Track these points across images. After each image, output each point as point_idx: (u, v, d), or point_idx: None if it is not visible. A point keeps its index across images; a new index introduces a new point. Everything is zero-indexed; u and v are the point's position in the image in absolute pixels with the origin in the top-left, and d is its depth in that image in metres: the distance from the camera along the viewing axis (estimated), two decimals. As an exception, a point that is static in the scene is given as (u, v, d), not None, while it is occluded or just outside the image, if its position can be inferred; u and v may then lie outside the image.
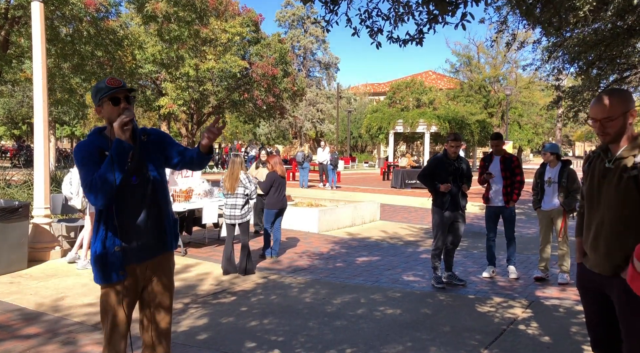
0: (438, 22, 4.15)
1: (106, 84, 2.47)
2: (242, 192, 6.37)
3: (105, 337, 2.54)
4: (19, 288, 5.49)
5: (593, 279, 2.55)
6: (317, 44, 51.96)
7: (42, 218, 6.85)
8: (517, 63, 35.86)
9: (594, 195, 2.53)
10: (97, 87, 2.50)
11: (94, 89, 2.53)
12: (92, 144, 2.50)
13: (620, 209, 2.39)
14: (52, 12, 11.60)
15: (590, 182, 2.56)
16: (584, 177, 2.66)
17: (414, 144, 37.01)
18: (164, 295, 2.64)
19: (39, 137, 6.83)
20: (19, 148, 30.35)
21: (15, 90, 26.10)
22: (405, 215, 12.21)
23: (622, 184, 2.38)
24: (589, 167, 2.61)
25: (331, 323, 4.59)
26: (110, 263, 2.47)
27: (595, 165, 2.56)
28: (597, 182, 2.51)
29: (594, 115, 2.45)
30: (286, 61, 25.44)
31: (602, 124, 2.42)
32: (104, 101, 2.47)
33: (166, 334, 2.66)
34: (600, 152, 2.55)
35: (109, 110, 2.48)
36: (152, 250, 2.59)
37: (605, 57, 10.15)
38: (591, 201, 2.55)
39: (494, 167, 6.25)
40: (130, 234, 2.50)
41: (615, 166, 2.43)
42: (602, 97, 2.45)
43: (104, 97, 2.46)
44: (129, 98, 2.51)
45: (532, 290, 5.75)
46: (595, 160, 2.57)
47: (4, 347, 3.87)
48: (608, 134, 2.42)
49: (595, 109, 2.44)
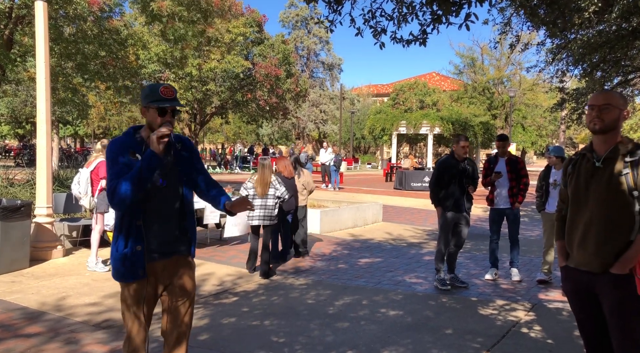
0: (442, 23, 4.13)
1: (160, 93, 2.47)
2: (273, 193, 6.32)
3: (126, 333, 2.58)
4: (20, 287, 5.49)
5: (581, 279, 2.56)
6: (321, 44, 51.98)
7: (44, 218, 6.85)
8: (521, 65, 35.79)
9: (581, 194, 2.56)
10: (151, 91, 2.50)
11: (147, 90, 2.53)
12: (124, 144, 2.51)
13: (610, 208, 2.44)
14: (55, 11, 11.63)
15: (576, 182, 2.60)
16: (567, 179, 2.69)
17: (417, 146, 36.99)
18: (183, 296, 2.64)
19: (41, 136, 6.83)
20: (22, 147, 30.44)
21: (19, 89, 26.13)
22: (408, 216, 12.18)
23: (613, 183, 2.43)
24: (573, 168, 2.66)
25: (332, 324, 4.57)
26: (131, 262, 2.49)
27: (581, 166, 2.60)
28: (585, 181, 2.55)
29: (593, 102, 2.51)
30: (289, 62, 25.44)
31: (600, 109, 2.47)
32: (151, 107, 2.48)
33: (185, 334, 2.67)
34: (586, 152, 2.59)
35: (153, 117, 2.49)
36: (173, 251, 2.61)
37: (610, 59, 10.12)
38: (577, 201, 2.58)
39: (500, 168, 6.22)
40: (153, 234, 2.52)
41: (604, 165, 2.48)
42: (604, 90, 2.61)
43: (152, 104, 2.48)
44: (175, 111, 2.53)
45: (535, 293, 5.72)
46: (581, 161, 2.62)
47: (5, 346, 3.86)
48: (602, 120, 2.47)
49: (596, 97, 2.53)
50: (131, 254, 2.49)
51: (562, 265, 2.69)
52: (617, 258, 2.41)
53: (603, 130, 2.49)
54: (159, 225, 2.54)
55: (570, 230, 2.61)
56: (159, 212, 2.54)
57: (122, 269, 2.52)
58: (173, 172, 2.58)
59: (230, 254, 7.50)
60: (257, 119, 27.76)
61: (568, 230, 2.64)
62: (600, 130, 2.50)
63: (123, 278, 2.54)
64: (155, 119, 2.48)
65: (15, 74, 13.70)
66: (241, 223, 7.32)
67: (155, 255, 2.55)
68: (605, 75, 10.98)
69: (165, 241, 2.57)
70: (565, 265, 2.66)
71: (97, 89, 17.18)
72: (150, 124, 2.52)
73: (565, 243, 2.66)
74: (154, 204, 2.52)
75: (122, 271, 2.52)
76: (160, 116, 2.47)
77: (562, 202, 2.77)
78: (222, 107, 25.37)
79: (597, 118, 2.48)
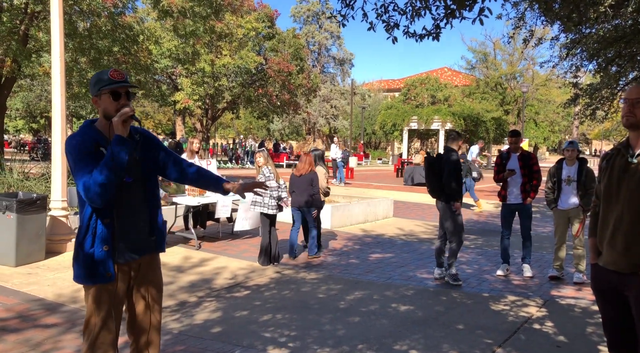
0: (455, 17, 4.11)
1: (109, 76, 2.35)
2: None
3: (89, 339, 2.40)
4: (37, 279, 5.59)
5: (609, 279, 2.50)
6: (332, 39, 51.78)
7: (59, 211, 6.95)
8: (535, 60, 35.50)
9: (613, 190, 2.49)
10: (98, 77, 2.38)
11: (94, 78, 2.40)
12: (86, 136, 2.36)
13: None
14: (70, 6, 11.73)
15: (609, 178, 2.53)
16: (601, 174, 2.63)
17: (428, 141, 36.81)
18: (153, 295, 2.58)
19: (56, 130, 6.92)
20: (37, 141, 30.81)
21: (34, 84, 26.50)
22: (419, 212, 12.15)
23: None
24: (607, 164, 2.58)
25: (344, 319, 4.60)
26: (98, 263, 2.36)
27: (615, 161, 2.53)
28: (617, 177, 2.48)
29: (628, 95, 2.44)
30: (301, 57, 25.42)
31: (633, 103, 2.40)
32: (104, 93, 2.36)
33: (156, 333, 2.60)
34: (621, 147, 2.52)
35: (107, 103, 2.36)
36: (141, 250, 2.52)
37: (625, 54, 9.98)
38: (609, 197, 2.51)
39: (512, 164, 6.19)
40: (120, 233, 2.41)
41: (638, 161, 2.40)
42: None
43: (104, 89, 2.35)
44: (129, 94, 2.41)
45: (547, 289, 5.70)
46: (615, 156, 2.54)
47: (23, 336, 3.94)
48: (634, 115, 2.40)
49: (632, 90, 2.45)
50: (97, 254, 2.35)
51: (592, 262, 2.64)
52: None
53: (634, 125, 2.41)
54: (127, 223, 2.42)
55: (602, 227, 2.55)
56: (126, 210, 2.42)
57: (86, 271, 2.36)
58: (137, 167, 2.46)
59: (242, 248, 7.56)
60: (268, 114, 27.80)
61: (600, 227, 2.57)
62: (630, 125, 2.42)
63: (88, 280, 2.38)
64: (111, 105, 2.35)
65: (30, 69, 13.84)
66: (252, 217, 7.35)
67: (124, 254, 2.43)
68: (620, 71, 10.83)
69: (134, 239, 2.46)
70: (595, 263, 2.61)
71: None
72: (106, 112, 2.37)
73: (597, 240, 2.60)
74: (120, 202, 2.39)
75: (85, 273, 2.37)
76: (115, 101, 2.35)
77: (597, 198, 2.70)
78: (234, 102, 25.44)
79: (629, 113, 2.40)
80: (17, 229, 5.98)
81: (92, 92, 2.41)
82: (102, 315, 2.39)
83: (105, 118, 2.40)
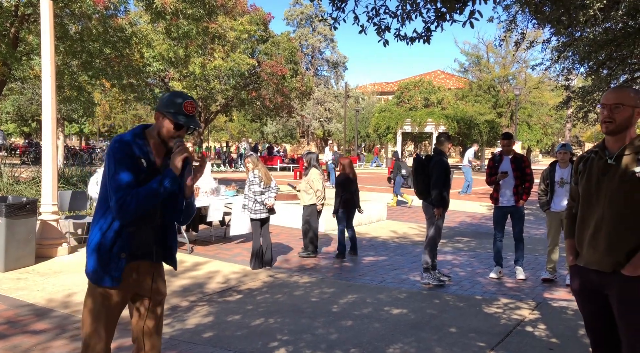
0: (445, 20, 4.12)
1: (183, 108, 2.38)
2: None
3: (85, 339, 2.43)
4: (26, 284, 5.53)
5: (590, 278, 2.51)
6: (326, 42, 51.90)
7: (49, 215, 6.88)
8: (527, 63, 35.65)
9: (592, 192, 2.50)
10: (173, 100, 2.40)
11: (169, 97, 2.42)
12: (136, 144, 2.39)
13: (623, 205, 2.38)
14: (61, 9, 11.64)
15: (587, 180, 2.54)
16: (578, 176, 2.64)
17: (421, 144, 36.91)
18: (156, 302, 2.59)
19: (47, 134, 6.86)
20: (28, 145, 30.58)
21: (25, 87, 26.29)
22: (413, 215, 12.15)
23: (627, 181, 2.38)
24: (584, 166, 2.60)
25: (336, 322, 4.58)
26: (112, 267, 2.39)
27: (592, 163, 2.54)
28: (597, 179, 2.49)
29: (605, 101, 2.44)
30: (295, 61, 25.43)
31: (611, 109, 2.41)
32: (169, 116, 2.38)
33: (157, 340, 2.61)
34: (598, 149, 2.53)
35: (167, 126, 2.40)
36: (152, 259, 2.55)
37: (616, 57, 10.06)
38: (589, 198, 2.52)
39: (504, 166, 6.19)
40: (138, 241, 2.44)
41: (617, 163, 2.42)
42: (617, 87, 2.49)
43: (170, 115, 2.38)
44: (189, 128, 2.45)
45: (539, 292, 5.70)
46: (593, 158, 2.56)
47: (11, 343, 3.89)
48: (613, 120, 2.41)
49: (608, 95, 2.46)
50: (115, 258, 2.39)
51: (571, 264, 2.64)
52: (629, 257, 2.35)
53: (614, 131, 2.42)
54: (145, 233, 2.46)
55: (581, 228, 2.56)
56: (147, 219, 2.45)
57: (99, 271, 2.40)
58: None
59: (234, 252, 7.52)
60: (262, 117, 27.76)
61: (578, 228, 2.58)
62: (611, 132, 2.43)
63: (98, 280, 2.42)
64: (169, 130, 2.39)
65: (21, 72, 13.74)
66: (247, 220, 7.30)
67: (136, 261, 2.47)
68: (611, 73, 10.90)
69: (148, 249, 2.50)
70: (574, 264, 2.61)
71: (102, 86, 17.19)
72: (161, 133, 2.42)
73: (575, 241, 2.61)
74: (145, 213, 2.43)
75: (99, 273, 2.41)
76: (175, 129, 2.39)
77: (573, 200, 2.71)
78: (227, 105, 25.39)
79: (608, 119, 2.40)
80: (5, 234, 5.92)
81: (160, 107, 2.42)
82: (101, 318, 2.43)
83: (158, 134, 2.43)
